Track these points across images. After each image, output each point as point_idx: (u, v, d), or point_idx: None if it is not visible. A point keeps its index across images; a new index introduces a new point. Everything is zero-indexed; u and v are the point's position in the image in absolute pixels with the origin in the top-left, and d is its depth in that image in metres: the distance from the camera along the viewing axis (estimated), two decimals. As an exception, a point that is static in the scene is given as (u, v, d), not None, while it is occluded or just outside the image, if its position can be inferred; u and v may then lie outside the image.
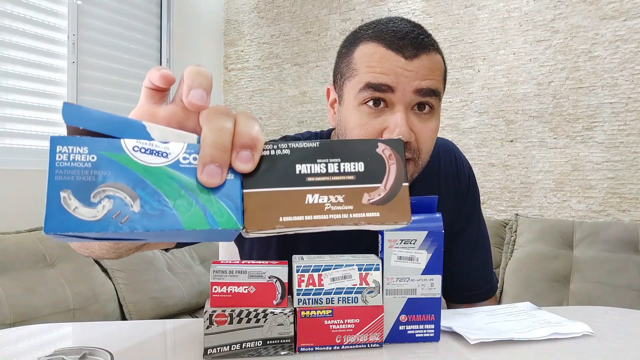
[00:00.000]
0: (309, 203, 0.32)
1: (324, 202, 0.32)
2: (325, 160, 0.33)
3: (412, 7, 2.59)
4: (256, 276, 0.61)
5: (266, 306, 0.61)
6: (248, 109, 3.11)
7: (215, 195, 0.31)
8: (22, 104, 2.15)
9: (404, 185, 0.33)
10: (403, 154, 0.34)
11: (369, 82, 0.71)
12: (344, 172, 0.33)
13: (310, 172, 0.32)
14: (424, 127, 0.73)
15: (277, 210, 0.32)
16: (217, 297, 0.61)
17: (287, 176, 0.32)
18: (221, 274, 0.61)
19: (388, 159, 0.33)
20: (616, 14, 2.14)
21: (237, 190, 0.31)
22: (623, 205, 2.14)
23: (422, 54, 0.71)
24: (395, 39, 0.71)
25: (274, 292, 0.61)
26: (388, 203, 0.32)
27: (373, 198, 0.32)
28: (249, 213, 0.31)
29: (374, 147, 0.33)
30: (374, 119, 0.72)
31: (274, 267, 0.62)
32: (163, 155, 0.30)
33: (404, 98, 0.71)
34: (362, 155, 0.33)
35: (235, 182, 0.31)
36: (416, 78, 0.71)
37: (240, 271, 0.61)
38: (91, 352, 0.55)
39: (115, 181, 0.29)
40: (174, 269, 2.35)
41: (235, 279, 0.61)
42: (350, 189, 0.32)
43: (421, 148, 0.74)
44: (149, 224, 0.29)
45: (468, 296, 0.92)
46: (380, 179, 0.33)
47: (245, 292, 0.61)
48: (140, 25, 2.71)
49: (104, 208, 0.29)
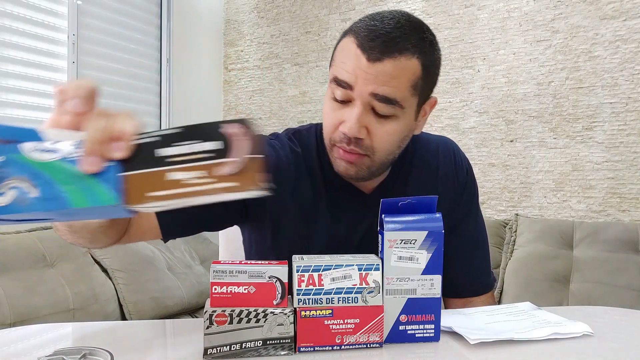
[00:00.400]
0: (169, 179, 0.39)
1: (184, 178, 0.39)
2: (185, 142, 0.39)
3: (412, 7, 2.59)
4: (256, 276, 0.61)
5: (266, 306, 0.61)
6: (248, 109, 3.11)
7: (98, 179, 0.39)
8: (22, 104, 2.15)
9: (256, 157, 0.38)
10: (255, 131, 0.39)
11: (336, 76, 0.75)
12: (200, 152, 0.39)
13: (170, 154, 0.39)
14: (379, 127, 0.74)
15: (145, 188, 0.39)
16: (217, 297, 0.61)
17: (151, 159, 0.39)
18: (221, 274, 0.61)
19: (236, 136, 0.39)
20: (616, 14, 2.14)
21: (114, 174, 0.39)
22: (623, 205, 2.14)
23: (386, 59, 0.71)
24: (367, 38, 0.72)
25: (274, 292, 0.61)
26: (240, 174, 0.38)
27: (225, 170, 0.38)
28: (125, 192, 0.39)
29: (220, 128, 0.39)
30: (336, 111, 0.76)
31: (274, 267, 0.62)
32: (54, 152, 0.39)
33: (362, 97, 0.73)
34: (213, 135, 0.39)
35: (114, 168, 0.39)
36: (374, 82, 0.71)
37: (240, 271, 0.61)
38: (91, 352, 0.55)
39: (18, 175, 0.38)
40: (174, 269, 2.34)
41: (235, 279, 0.61)
42: (206, 164, 0.39)
43: (375, 146, 0.76)
44: (47, 205, 0.38)
45: (464, 290, 0.92)
46: (230, 154, 0.39)
47: (245, 292, 0.61)
48: (140, 25, 2.71)
49: (11, 196, 0.38)
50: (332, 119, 0.77)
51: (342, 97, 0.75)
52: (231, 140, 0.39)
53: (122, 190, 0.39)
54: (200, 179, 0.39)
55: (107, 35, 2.51)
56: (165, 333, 0.74)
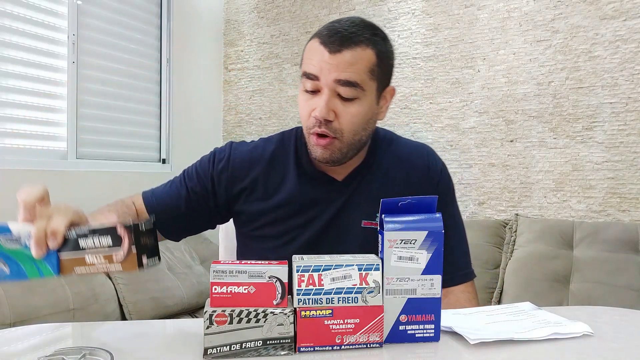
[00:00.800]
0: (88, 262, 0.62)
1: (94, 261, 0.62)
2: (95, 237, 0.62)
3: (412, 7, 2.59)
4: (256, 276, 0.61)
5: (266, 306, 0.61)
6: (248, 108, 3.11)
7: (44, 260, 0.62)
8: (22, 104, 2.15)
9: (133, 251, 0.61)
10: (135, 235, 0.61)
11: (305, 71, 0.88)
12: (104, 245, 0.62)
13: (86, 245, 0.62)
14: (345, 110, 0.87)
15: (72, 265, 0.63)
16: (217, 297, 0.61)
17: (76, 247, 0.62)
18: (221, 274, 0.61)
19: (124, 236, 0.61)
20: (616, 14, 2.14)
21: (54, 257, 0.62)
22: (623, 205, 2.14)
23: (345, 50, 0.84)
24: (328, 35, 0.85)
25: (274, 292, 0.61)
26: (125, 260, 0.61)
27: (117, 257, 0.62)
28: (60, 268, 0.63)
29: (116, 231, 0.61)
30: (308, 102, 0.88)
31: (274, 267, 0.62)
32: (18, 242, 0.62)
33: (327, 85, 0.85)
34: (111, 235, 0.61)
35: (54, 253, 0.63)
36: (336, 70, 0.84)
37: (240, 271, 0.61)
38: (91, 352, 0.55)
39: None
40: (174, 269, 2.35)
41: (235, 279, 0.61)
42: (107, 253, 0.62)
43: (342, 128, 0.87)
44: (13, 277, 0.63)
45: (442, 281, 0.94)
46: (120, 247, 0.61)
47: (245, 292, 0.61)
48: (140, 25, 2.71)
49: None
50: (305, 109, 0.89)
51: (311, 88, 0.87)
52: (122, 239, 0.61)
53: (59, 267, 0.63)
54: (104, 261, 0.62)
55: (107, 35, 2.51)
56: (165, 333, 0.74)
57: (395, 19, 2.63)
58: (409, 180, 0.98)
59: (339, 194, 0.96)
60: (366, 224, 0.95)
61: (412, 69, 2.58)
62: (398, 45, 2.59)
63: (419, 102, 2.56)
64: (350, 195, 0.96)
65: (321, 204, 0.96)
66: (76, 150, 2.35)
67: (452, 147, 2.47)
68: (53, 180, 2.17)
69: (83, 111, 2.38)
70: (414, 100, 2.57)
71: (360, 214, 0.95)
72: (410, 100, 2.58)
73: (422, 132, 2.53)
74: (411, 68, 2.58)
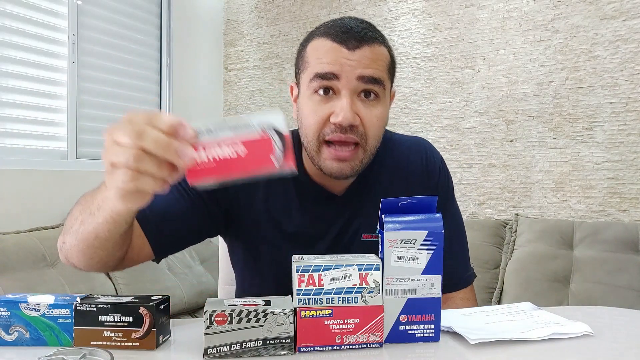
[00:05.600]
0: (105, 335, 0.63)
1: (113, 336, 0.63)
2: (115, 314, 0.63)
3: (412, 7, 2.59)
4: (244, 130, 0.44)
5: (263, 166, 0.48)
6: (248, 109, 3.11)
7: (62, 329, 0.65)
8: (22, 104, 2.15)
9: (153, 330, 0.63)
10: (155, 315, 0.63)
11: (318, 72, 0.79)
12: (124, 322, 0.63)
13: (106, 320, 0.63)
14: (369, 112, 0.79)
15: (90, 338, 0.64)
16: (197, 171, 0.46)
17: (94, 321, 0.64)
18: (199, 134, 0.46)
19: (145, 316, 0.63)
20: (616, 14, 2.14)
21: (71, 327, 0.64)
22: (623, 205, 2.14)
23: (364, 46, 0.78)
24: (340, 33, 0.79)
25: (270, 147, 0.47)
26: (144, 338, 0.63)
27: (137, 335, 0.63)
28: (75, 339, 0.64)
29: (138, 309, 0.63)
30: (323, 105, 0.79)
31: (263, 115, 0.48)
32: (37, 310, 0.65)
33: (349, 85, 0.78)
34: (133, 311, 0.63)
35: (70, 324, 0.64)
36: (359, 66, 0.77)
37: (222, 127, 0.45)
38: (91, 352, 0.55)
39: (18, 324, 0.65)
40: (174, 269, 2.35)
41: (215, 138, 0.45)
42: (126, 330, 0.63)
43: (367, 132, 0.80)
44: (34, 342, 0.65)
45: (444, 286, 0.91)
46: (141, 326, 0.63)
47: (235, 157, 0.48)
48: (140, 25, 2.71)
49: (15, 336, 0.65)
50: (318, 114, 0.79)
51: (329, 90, 0.79)
52: (142, 317, 0.63)
53: (75, 337, 0.65)
54: (121, 337, 0.63)
55: (107, 35, 2.51)
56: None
57: (395, 19, 2.63)
58: (408, 182, 0.93)
59: (339, 215, 0.89)
60: (365, 237, 0.89)
61: (412, 69, 2.58)
62: (398, 45, 2.60)
63: (419, 102, 2.56)
64: (351, 214, 0.89)
65: (322, 224, 0.89)
66: (76, 150, 2.35)
67: (452, 147, 2.47)
68: (53, 180, 2.17)
69: (83, 111, 2.38)
70: (414, 100, 2.57)
71: (360, 229, 0.89)
72: (410, 100, 2.58)
73: (422, 132, 2.53)
74: (411, 68, 2.58)
